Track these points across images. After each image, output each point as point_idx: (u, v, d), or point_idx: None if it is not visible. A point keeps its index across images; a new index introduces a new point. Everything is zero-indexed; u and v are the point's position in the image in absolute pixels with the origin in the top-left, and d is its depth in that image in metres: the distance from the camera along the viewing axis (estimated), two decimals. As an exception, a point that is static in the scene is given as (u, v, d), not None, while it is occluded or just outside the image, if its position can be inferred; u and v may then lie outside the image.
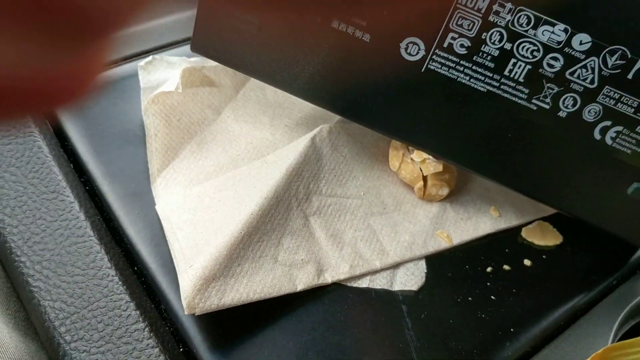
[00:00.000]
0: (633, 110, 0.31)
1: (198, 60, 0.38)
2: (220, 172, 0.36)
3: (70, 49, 0.10)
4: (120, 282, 0.31)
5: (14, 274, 0.31)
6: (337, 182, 0.36)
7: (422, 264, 0.35)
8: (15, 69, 0.09)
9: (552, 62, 0.30)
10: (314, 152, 0.36)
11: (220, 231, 0.32)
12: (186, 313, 0.30)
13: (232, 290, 0.30)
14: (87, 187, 0.35)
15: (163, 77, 0.37)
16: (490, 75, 0.31)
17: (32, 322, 0.33)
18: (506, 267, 0.36)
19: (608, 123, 0.31)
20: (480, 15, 0.29)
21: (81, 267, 0.31)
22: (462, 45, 0.30)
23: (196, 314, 0.30)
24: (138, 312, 0.30)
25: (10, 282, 0.33)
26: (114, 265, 0.31)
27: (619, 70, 0.30)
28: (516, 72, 0.31)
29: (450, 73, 0.31)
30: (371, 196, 0.37)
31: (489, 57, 0.30)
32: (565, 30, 0.29)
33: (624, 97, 0.30)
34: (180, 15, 0.43)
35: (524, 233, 0.38)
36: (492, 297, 0.35)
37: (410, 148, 0.37)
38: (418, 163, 0.37)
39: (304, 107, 0.40)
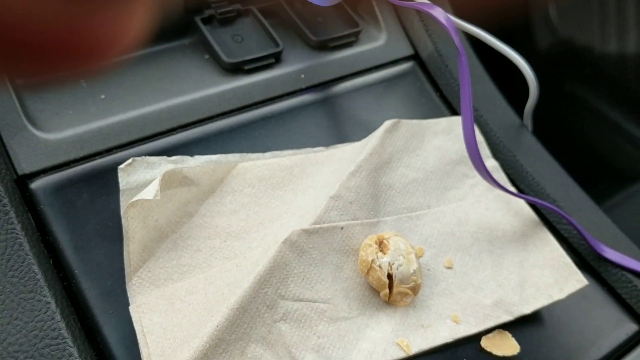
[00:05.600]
0: None
1: (177, 159, 0.40)
2: (193, 271, 0.38)
3: (108, 8, 0.12)
4: (89, 389, 0.33)
5: (-11, 373, 0.33)
6: (305, 286, 0.38)
7: (381, 371, 0.37)
8: (60, 25, 0.11)
9: None
10: (283, 258, 0.37)
11: (186, 343, 0.34)
12: None
13: None
14: (64, 283, 0.36)
15: (142, 177, 0.38)
16: None
17: None
18: (462, 378, 0.38)
19: None
20: None
21: (53, 371, 0.33)
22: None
23: None
24: (104, 421, 0.32)
25: None
26: (84, 370, 0.33)
27: None
28: None
29: None
30: (338, 299, 0.38)
31: None
32: None
33: None
34: (164, 105, 0.44)
35: (483, 342, 0.39)
36: (445, 410, 0.36)
37: (380, 254, 0.38)
38: (386, 270, 0.38)
39: (278, 208, 0.41)
